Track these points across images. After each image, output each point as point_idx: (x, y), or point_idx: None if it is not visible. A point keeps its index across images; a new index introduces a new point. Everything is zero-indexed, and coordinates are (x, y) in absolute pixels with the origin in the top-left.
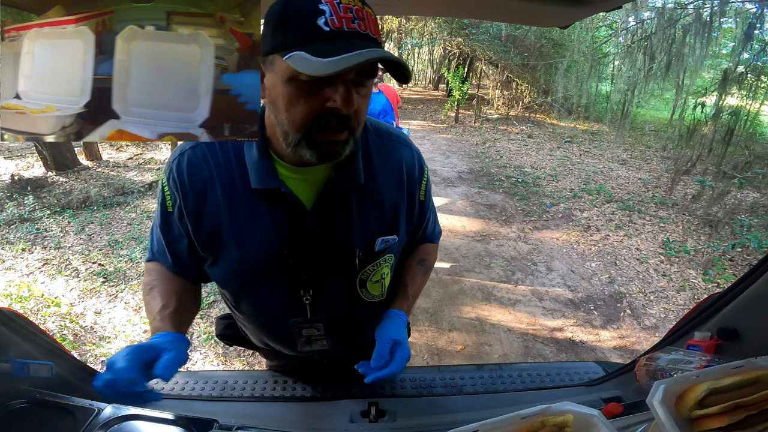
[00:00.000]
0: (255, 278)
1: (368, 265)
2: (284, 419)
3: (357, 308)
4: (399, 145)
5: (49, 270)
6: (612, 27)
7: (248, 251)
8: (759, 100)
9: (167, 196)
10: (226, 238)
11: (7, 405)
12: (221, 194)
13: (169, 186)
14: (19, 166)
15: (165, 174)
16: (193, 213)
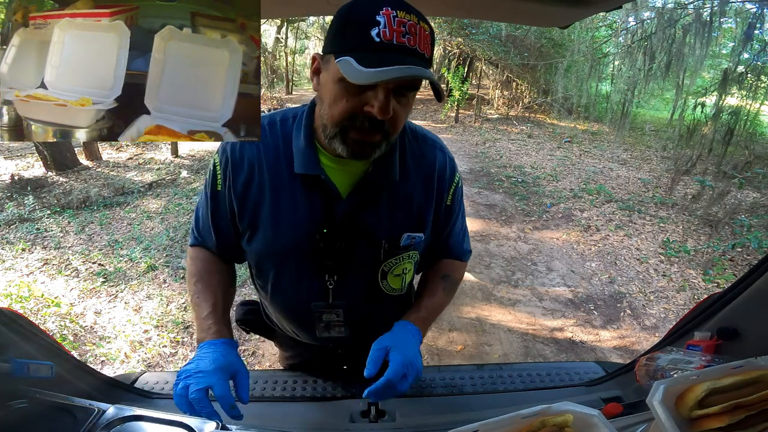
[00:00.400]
0: (286, 258)
1: (391, 258)
2: (284, 419)
3: (376, 299)
4: (434, 149)
5: (49, 270)
6: (612, 27)
7: (284, 231)
8: (759, 100)
9: (218, 175)
10: (265, 216)
11: (7, 405)
12: (267, 175)
13: (221, 165)
14: (19, 166)
15: (217, 155)
16: (240, 191)
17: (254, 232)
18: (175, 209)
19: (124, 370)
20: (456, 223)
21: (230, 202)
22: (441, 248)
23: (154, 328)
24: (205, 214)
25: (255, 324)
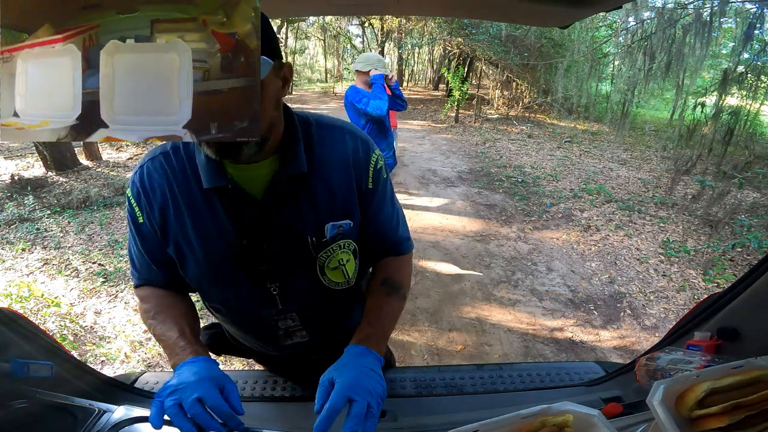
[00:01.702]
0: (222, 274)
1: (322, 251)
2: (284, 419)
3: (324, 295)
4: (342, 134)
5: (49, 270)
6: (612, 27)
7: (210, 248)
8: (759, 100)
9: (135, 209)
10: (189, 239)
11: (7, 405)
12: (181, 198)
13: (135, 198)
14: (19, 166)
15: (129, 189)
16: (159, 218)
17: (184, 257)
18: None
19: (124, 370)
20: (384, 209)
21: (155, 231)
22: (376, 240)
23: None
24: (137, 251)
25: (224, 346)
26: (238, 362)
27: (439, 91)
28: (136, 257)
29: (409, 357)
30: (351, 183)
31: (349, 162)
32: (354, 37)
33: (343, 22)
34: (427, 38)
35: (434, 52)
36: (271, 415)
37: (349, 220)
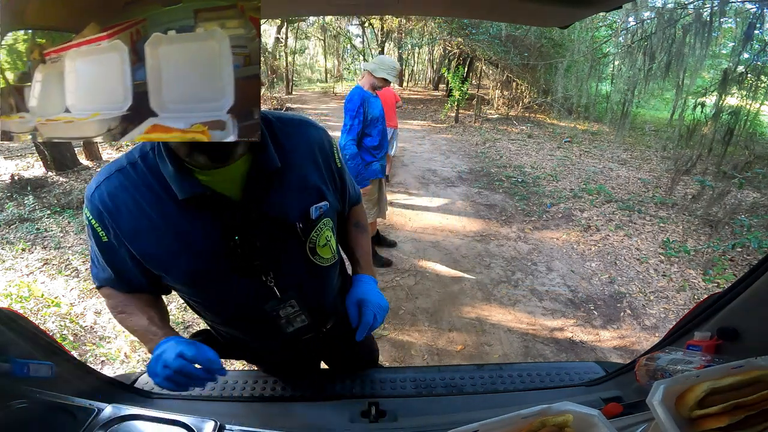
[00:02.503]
0: (216, 280)
1: (311, 233)
2: (284, 419)
3: (317, 275)
4: (305, 127)
5: (49, 270)
6: (612, 27)
7: (198, 255)
8: (759, 100)
9: (98, 229)
10: (172, 249)
11: (7, 405)
12: (153, 212)
13: (96, 219)
14: (19, 166)
15: (87, 210)
16: (130, 236)
17: (170, 269)
18: None
19: (124, 370)
20: (347, 176)
21: (124, 250)
22: (346, 197)
23: None
24: (103, 265)
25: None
26: (238, 362)
27: (439, 91)
28: (101, 267)
29: (409, 357)
30: (321, 168)
31: (316, 151)
32: (354, 37)
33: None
34: (427, 38)
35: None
36: (271, 415)
37: (325, 201)
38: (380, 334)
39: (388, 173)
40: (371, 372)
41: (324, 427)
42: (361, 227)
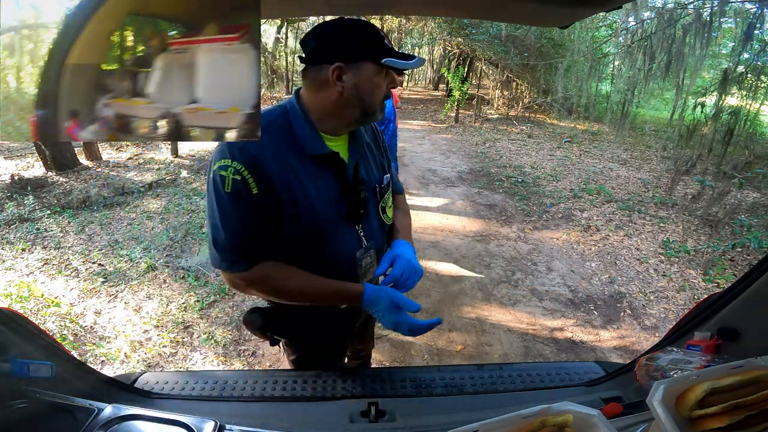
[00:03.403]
0: (330, 223)
1: (384, 195)
2: (284, 419)
3: (383, 231)
4: None
5: (49, 270)
6: (612, 27)
7: (326, 202)
8: (759, 100)
9: (249, 181)
10: (311, 195)
11: (7, 405)
12: (296, 163)
13: (249, 170)
14: (19, 166)
15: (236, 163)
16: (280, 184)
17: (300, 214)
18: (175, 209)
19: (124, 370)
20: (392, 164)
21: (274, 198)
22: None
23: (154, 328)
24: (246, 230)
25: (279, 325)
26: (238, 362)
27: (439, 91)
28: (247, 237)
29: (409, 357)
30: (380, 145)
31: (377, 133)
32: None
33: None
34: (427, 38)
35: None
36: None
37: (388, 174)
38: (380, 334)
39: None
40: (371, 372)
41: (324, 427)
42: (402, 211)
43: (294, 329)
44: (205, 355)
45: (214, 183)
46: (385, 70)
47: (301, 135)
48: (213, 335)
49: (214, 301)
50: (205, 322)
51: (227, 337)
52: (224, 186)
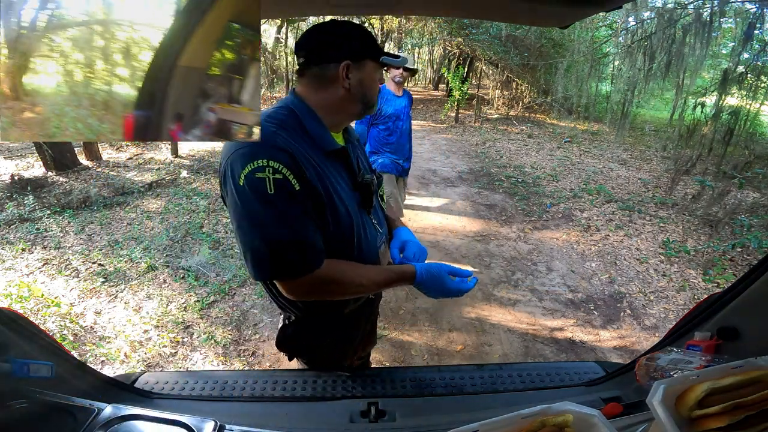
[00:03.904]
0: (352, 213)
1: (380, 185)
2: (284, 419)
3: (385, 218)
4: None
5: (49, 270)
6: (612, 27)
7: (346, 194)
8: (759, 100)
9: (290, 177)
10: (336, 190)
11: (7, 405)
12: (318, 160)
13: (289, 168)
14: (19, 166)
15: (275, 162)
16: (313, 178)
17: (337, 209)
18: (175, 209)
19: (124, 370)
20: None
21: (315, 194)
22: None
23: (154, 328)
24: (306, 226)
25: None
26: (238, 362)
27: (439, 91)
28: (310, 233)
29: (409, 357)
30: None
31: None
32: None
33: None
34: (427, 38)
35: (434, 52)
36: (271, 415)
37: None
38: (380, 334)
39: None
40: (371, 372)
41: (324, 427)
42: (386, 205)
43: (315, 344)
44: (205, 355)
45: (252, 189)
46: (378, 68)
47: (316, 133)
48: (213, 335)
49: (214, 301)
50: (205, 322)
51: (227, 337)
52: (267, 188)
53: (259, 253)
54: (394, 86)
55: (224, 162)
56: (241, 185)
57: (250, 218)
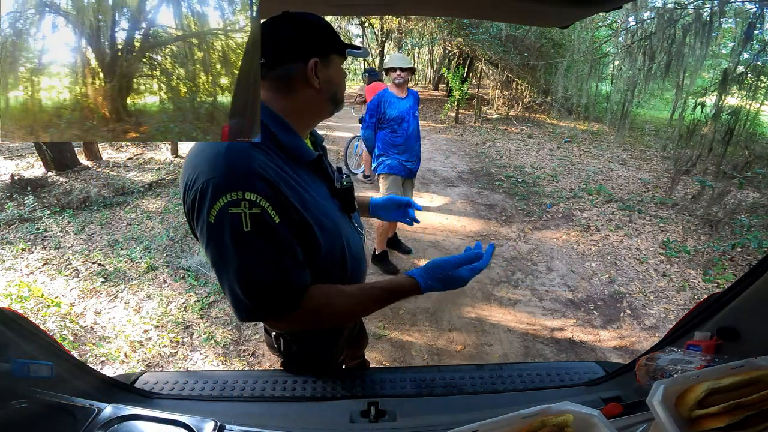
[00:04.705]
0: (338, 223)
1: (351, 184)
2: (284, 419)
3: (359, 220)
4: None
5: (49, 270)
6: (612, 27)
7: (327, 204)
8: (759, 100)
9: (269, 210)
10: (320, 206)
11: (7, 405)
12: (296, 176)
13: (267, 200)
14: (19, 166)
15: (252, 195)
16: (296, 199)
17: (322, 227)
18: (175, 209)
19: (124, 370)
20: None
21: (296, 220)
22: None
23: (154, 328)
24: (285, 261)
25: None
26: (238, 362)
27: (439, 91)
28: (290, 269)
29: (409, 357)
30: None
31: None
32: (354, 37)
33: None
34: (427, 38)
35: (434, 52)
36: (271, 415)
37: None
38: (380, 334)
39: (367, 173)
40: (371, 372)
41: (324, 427)
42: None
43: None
44: (205, 355)
45: (225, 226)
46: (342, 61)
47: (290, 144)
48: (213, 335)
49: (214, 301)
50: (205, 322)
51: (227, 337)
52: (243, 225)
53: (239, 296)
54: (396, 88)
55: (192, 192)
56: (212, 222)
57: (225, 259)
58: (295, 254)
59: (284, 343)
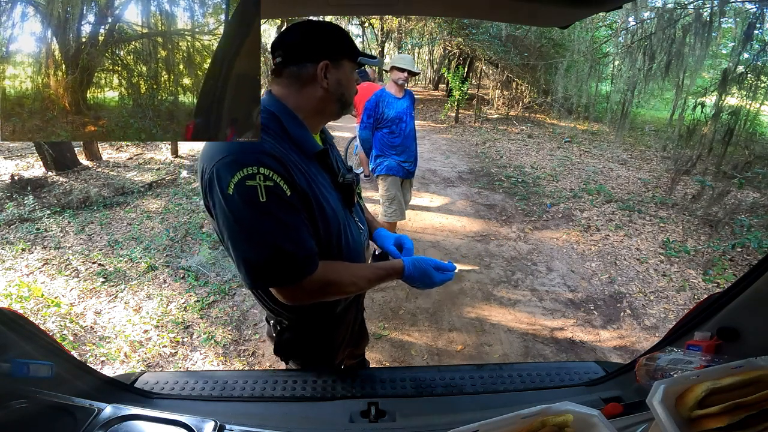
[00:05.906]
0: (338, 213)
1: (358, 183)
2: (284, 419)
3: (363, 215)
4: None
5: (49, 270)
6: (612, 27)
7: (331, 195)
8: (759, 100)
9: (281, 183)
10: (324, 192)
11: (7, 405)
12: (303, 164)
13: (279, 174)
14: (19, 166)
15: (265, 170)
16: (301, 181)
17: (324, 210)
18: (175, 209)
19: (124, 370)
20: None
21: (304, 198)
22: None
23: (154, 328)
24: (300, 230)
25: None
26: (238, 362)
27: (439, 91)
28: (306, 237)
29: (409, 357)
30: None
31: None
32: (354, 37)
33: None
34: (427, 38)
35: (434, 52)
36: (271, 415)
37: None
38: (380, 334)
39: (366, 173)
40: (371, 372)
41: (324, 427)
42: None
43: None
44: (205, 355)
45: (243, 198)
46: (355, 68)
47: (298, 135)
48: (213, 335)
49: (214, 301)
50: (205, 322)
51: (227, 337)
52: (259, 196)
53: (255, 263)
54: (396, 88)
55: (209, 170)
56: (231, 194)
57: (243, 228)
58: (306, 224)
59: (279, 331)
